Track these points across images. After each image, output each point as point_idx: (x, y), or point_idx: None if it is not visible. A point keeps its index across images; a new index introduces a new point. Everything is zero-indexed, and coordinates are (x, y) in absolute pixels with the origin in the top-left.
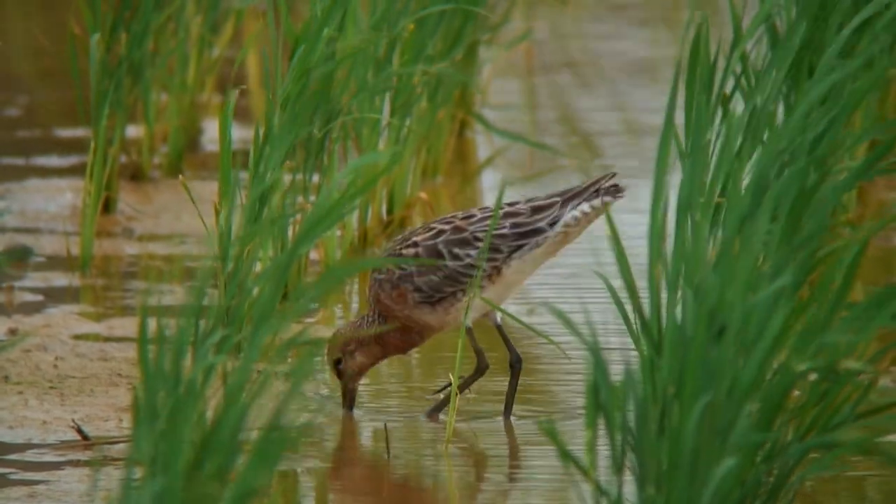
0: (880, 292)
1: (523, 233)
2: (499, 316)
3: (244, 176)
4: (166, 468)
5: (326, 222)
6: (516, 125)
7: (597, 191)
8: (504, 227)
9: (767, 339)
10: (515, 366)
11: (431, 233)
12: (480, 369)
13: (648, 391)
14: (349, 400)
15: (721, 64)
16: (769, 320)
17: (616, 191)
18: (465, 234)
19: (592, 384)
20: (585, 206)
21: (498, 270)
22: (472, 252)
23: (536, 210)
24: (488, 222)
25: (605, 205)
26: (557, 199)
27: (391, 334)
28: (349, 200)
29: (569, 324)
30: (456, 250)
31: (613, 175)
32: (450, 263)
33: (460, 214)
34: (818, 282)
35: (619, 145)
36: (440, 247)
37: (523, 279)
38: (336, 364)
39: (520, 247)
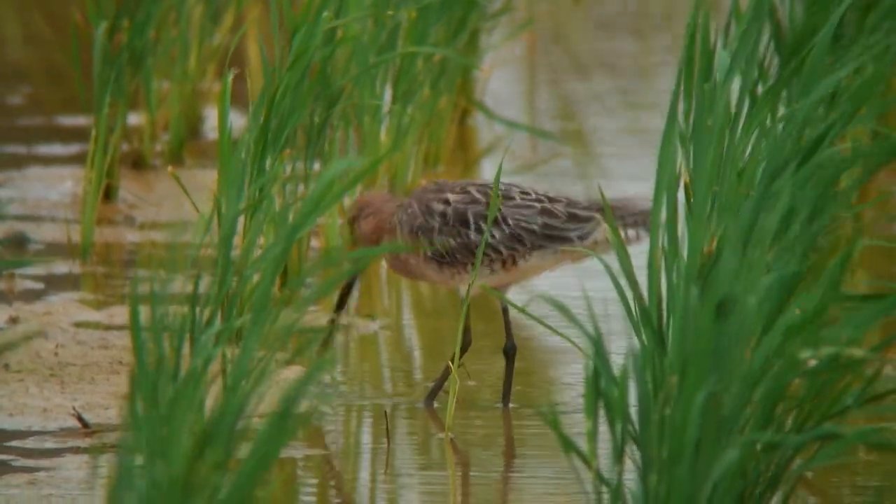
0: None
1: (552, 236)
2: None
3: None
4: (166, 456)
5: (322, 206)
6: (518, 114)
7: (636, 222)
8: (535, 224)
9: (770, 328)
10: (509, 352)
11: (465, 196)
12: (463, 346)
13: (650, 380)
14: (340, 298)
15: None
16: (772, 309)
17: (646, 220)
18: (497, 214)
19: (593, 373)
20: (621, 232)
21: (514, 260)
22: (497, 234)
23: (572, 218)
24: (525, 212)
25: (639, 238)
26: (596, 214)
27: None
28: (347, 187)
29: (568, 314)
30: (482, 225)
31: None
32: (472, 234)
33: (503, 188)
34: (821, 271)
35: (620, 134)
36: (469, 216)
37: (538, 274)
38: (352, 221)
39: (542, 246)
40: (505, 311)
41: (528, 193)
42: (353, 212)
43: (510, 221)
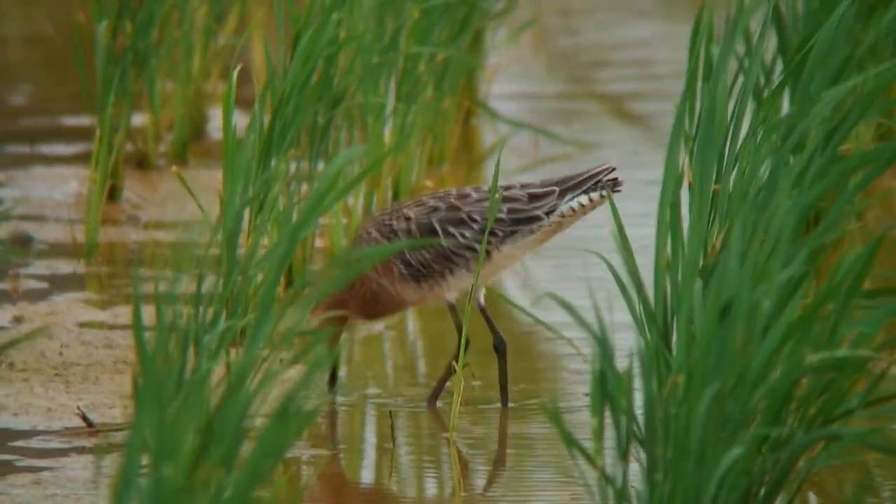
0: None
1: (520, 219)
2: (482, 298)
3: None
4: (170, 456)
5: (326, 204)
6: (522, 113)
7: (596, 183)
8: (501, 212)
9: (777, 328)
10: (499, 348)
11: (425, 208)
12: (461, 342)
13: (655, 379)
14: (330, 377)
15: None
16: (779, 309)
17: (615, 185)
18: (461, 214)
19: (598, 372)
20: (584, 198)
21: (489, 254)
22: (467, 232)
23: (534, 198)
24: (485, 203)
25: (604, 198)
26: (555, 188)
27: (350, 299)
28: (351, 185)
29: (573, 313)
30: (451, 229)
31: (613, 169)
32: (444, 242)
33: (454, 192)
34: (827, 271)
35: (623, 129)
36: (435, 224)
37: (511, 263)
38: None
39: (514, 232)
40: (483, 311)
41: (481, 187)
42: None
43: (477, 217)
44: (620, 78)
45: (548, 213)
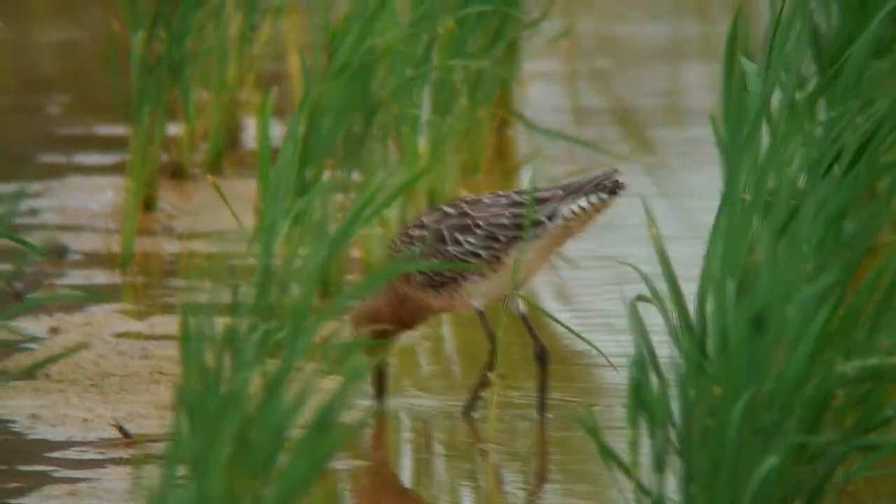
0: None
1: (522, 224)
2: (521, 305)
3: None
4: (208, 467)
5: (365, 218)
6: (557, 121)
7: (598, 186)
8: (504, 217)
9: (811, 338)
10: (541, 357)
11: (439, 214)
12: (493, 351)
13: (691, 390)
14: (376, 389)
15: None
16: (813, 319)
17: (616, 187)
18: (468, 221)
19: (635, 383)
20: (583, 202)
21: (498, 259)
22: (472, 239)
23: (539, 202)
24: (494, 209)
25: (604, 201)
26: (559, 191)
27: (383, 308)
28: (388, 201)
29: (609, 325)
30: (457, 235)
31: (616, 171)
32: (450, 248)
33: (470, 198)
34: (861, 280)
35: (664, 136)
36: (444, 231)
37: (529, 269)
38: (358, 328)
39: (518, 237)
40: (524, 318)
41: (497, 193)
42: (356, 324)
43: (481, 223)
44: (652, 87)
45: (550, 217)
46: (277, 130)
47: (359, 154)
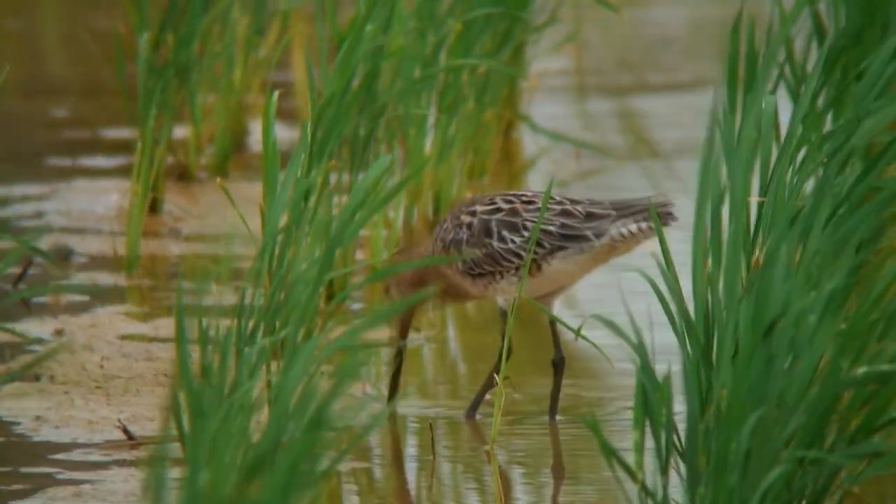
0: None
1: (569, 236)
2: (553, 310)
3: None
4: (210, 469)
5: (363, 216)
6: (563, 125)
7: (647, 210)
8: (553, 225)
9: (819, 342)
10: (558, 365)
11: (492, 207)
12: (506, 353)
13: (696, 394)
14: (390, 389)
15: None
16: (820, 326)
17: (668, 219)
18: (517, 220)
19: (641, 385)
20: (633, 227)
21: (537, 265)
22: (517, 238)
23: (589, 217)
24: (545, 215)
25: (654, 231)
26: (612, 212)
27: (430, 271)
28: (390, 197)
29: (618, 331)
30: (504, 232)
31: (670, 202)
32: (494, 244)
33: (525, 196)
34: (867, 284)
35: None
36: (493, 224)
37: (568, 280)
38: (387, 290)
39: (563, 247)
40: (552, 324)
41: (554, 199)
42: (384, 283)
43: (529, 225)
44: (658, 90)
45: (597, 235)
46: (283, 133)
47: (365, 156)
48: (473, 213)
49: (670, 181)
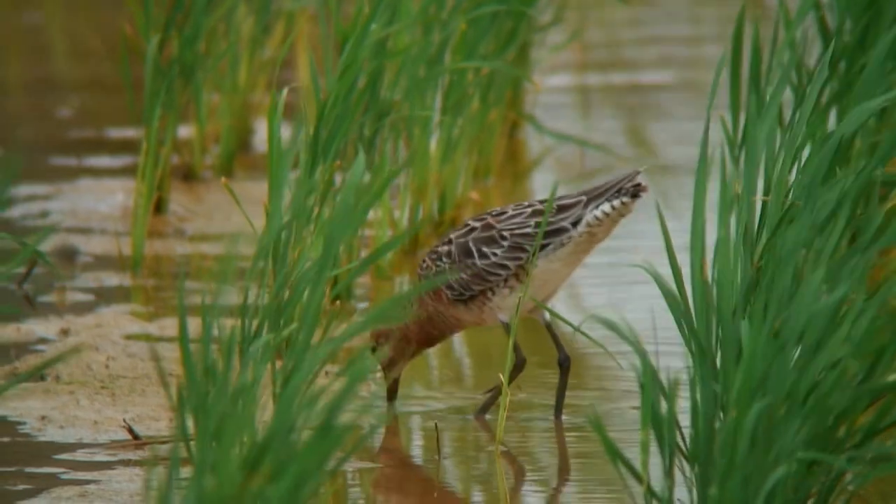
0: None
1: (547, 232)
2: (547, 314)
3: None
4: (216, 469)
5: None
6: (568, 125)
7: (619, 190)
8: (528, 227)
9: (827, 347)
10: (564, 364)
11: (465, 230)
12: (518, 365)
13: (700, 396)
14: (389, 391)
15: (771, 63)
16: (830, 328)
17: (638, 190)
18: (493, 233)
19: (647, 387)
20: (607, 206)
21: (526, 270)
22: (497, 250)
23: (561, 209)
24: (517, 219)
25: (626, 204)
26: (583, 197)
27: (412, 328)
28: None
29: (620, 332)
30: (483, 249)
31: (637, 173)
32: (478, 262)
33: (495, 211)
34: (876, 287)
35: (674, 142)
36: (470, 245)
37: (557, 278)
38: (372, 352)
39: (544, 246)
40: (549, 326)
41: (521, 203)
42: (370, 343)
43: (506, 234)
44: (662, 89)
45: (574, 224)
46: (289, 133)
47: (369, 156)
48: (449, 242)
49: (674, 179)
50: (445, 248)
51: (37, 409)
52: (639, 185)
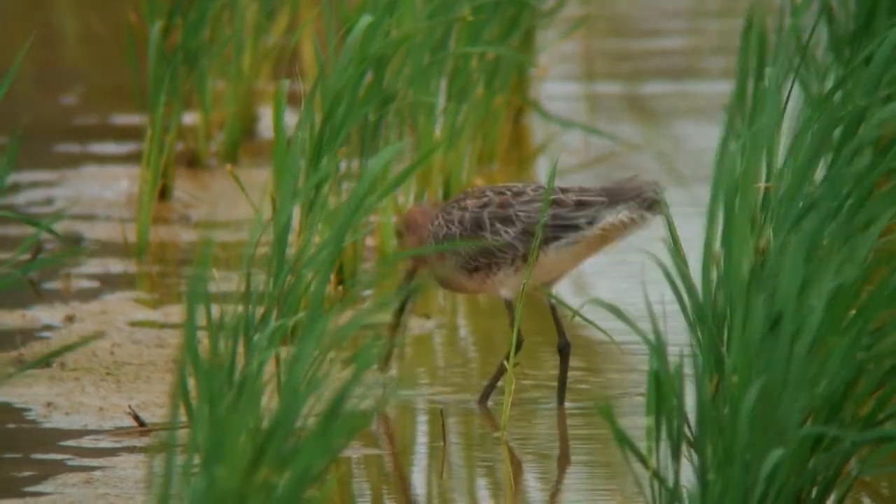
0: None
1: (561, 226)
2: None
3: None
4: (222, 456)
5: (372, 201)
6: (572, 111)
7: (641, 199)
8: (545, 216)
9: (829, 329)
10: (563, 351)
11: (481, 200)
12: (517, 344)
13: (706, 380)
14: (395, 317)
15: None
16: (830, 311)
17: (656, 207)
18: (510, 212)
19: (654, 372)
20: (625, 216)
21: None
22: (511, 231)
23: (580, 205)
24: (534, 205)
25: (645, 219)
26: (604, 198)
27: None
28: (398, 182)
29: (624, 318)
30: (497, 225)
31: (657, 185)
32: (488, 236)
33: (515, 188)
34: (879, 273)
35: (682, 127)
36: (485, 217)
37: (564, 269)
38: (399, 235)
39: (556, 237)
40: (553, 310)
41: (541, 186)
42: (399, 226)
43: (521, 216)
44: (666, 75)
45: (589, 223)
46: (293, 120)
47: (374, 142)
48: (464, 209)
49: (680, 167)
50: (458, 214)
51: (42, 395)
52: (658, 202)
